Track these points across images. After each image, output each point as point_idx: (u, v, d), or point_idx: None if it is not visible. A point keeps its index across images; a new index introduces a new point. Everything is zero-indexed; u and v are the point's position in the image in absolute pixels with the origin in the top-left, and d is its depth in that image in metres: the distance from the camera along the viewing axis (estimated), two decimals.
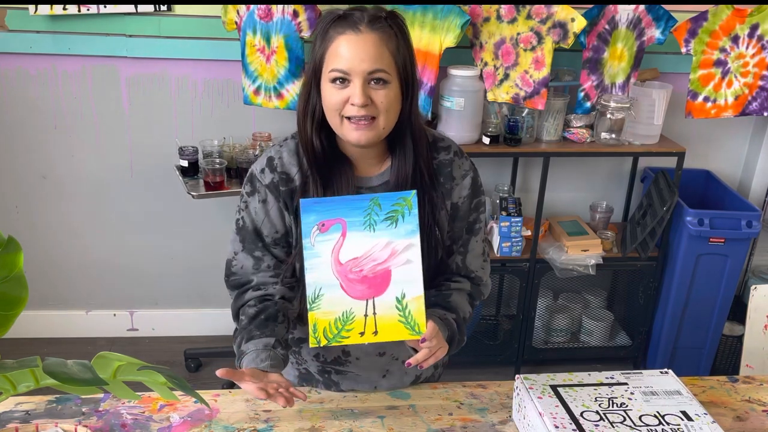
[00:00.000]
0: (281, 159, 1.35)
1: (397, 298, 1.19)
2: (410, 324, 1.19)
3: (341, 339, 1.19)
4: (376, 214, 1.20)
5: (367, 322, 1.19)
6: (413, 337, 1.20)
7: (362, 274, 1.19)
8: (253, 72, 2.57)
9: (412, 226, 1.19)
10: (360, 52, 1.20)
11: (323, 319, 1.19)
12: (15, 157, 2.76)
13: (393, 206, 1.20)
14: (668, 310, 2.80)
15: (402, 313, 1.19)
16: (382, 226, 1.19)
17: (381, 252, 1.19)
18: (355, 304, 1.19)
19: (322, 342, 1.19)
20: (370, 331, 1.19)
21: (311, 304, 1.19)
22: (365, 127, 1.23)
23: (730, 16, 2.57)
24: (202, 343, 2.99)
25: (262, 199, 1.35)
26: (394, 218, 1.20)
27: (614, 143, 2.64)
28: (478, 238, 1.43)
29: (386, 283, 1.19)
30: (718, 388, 1.49)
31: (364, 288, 1.19)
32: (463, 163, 1.39)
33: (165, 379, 0.95)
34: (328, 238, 1.19)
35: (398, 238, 1.19)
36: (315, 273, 1.19)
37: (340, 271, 1.19)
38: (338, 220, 1.20)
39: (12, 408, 1.31)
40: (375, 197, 1.21)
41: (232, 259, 1.39)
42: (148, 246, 2.95)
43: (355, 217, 1.19)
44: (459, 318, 1.36)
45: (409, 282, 1.19)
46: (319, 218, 1.19)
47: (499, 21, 2.52)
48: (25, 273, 0.93)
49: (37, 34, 2.58)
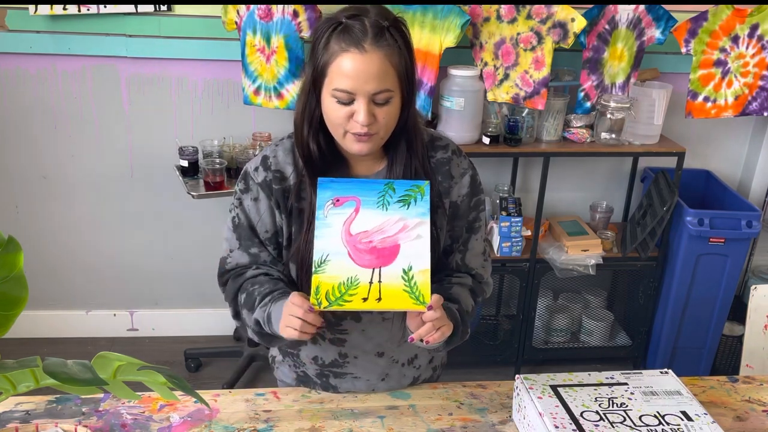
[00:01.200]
0: (276, 158, 1.35)
1: (404, 269, 1.20)
2: (415, 294, 1.19)
3: (343, 302, 1.18)
4: (390, 196, 1.24)
5: (371, 288, 1.19)
6: (417, 307, 1.19)
7: (371, 245, 1.21)
8: (253, 72, 2.57)
9: (424, 209, 1.23)
10: (365, 74, 1.18)
11: (327, 282, 1.19)
12: (15, 157, 2.76)
13: (407, 191, 1.24)
14: (668, 310, 2.80)
15: (408, 283, 1.20)
16: (395, 207, 1.23)
17: (392, 226, 1.22)
18: (361, 271, 1.20)
19: (323, 304, 1.17)
20: (373, 298, 1.18)
21: (316, 268, 1.19)
22: (366, 141, 1.24)
23: (730, 16, 2.57)
24: (202, 343, 2.99)
25: (254, 198, 1.35)
26: (407, 201, 1.24)
27: (614, 143, 2.64)
28: (478, 237, 1.43)
29: (394, 254, 1.21)
30: (718, 388, 1.48)
31: (372, 258, 1.21)
32: (462, 162, 1.39)
33: (165, 379, 0.95)
34: (341, 212, 1.22)
35: (410, 216, 1.23)
36: (324, 241, 1.21)
37: (349, 240, 1.21)
38: (353, 198, 1.23)
39: (12, 408, 1.31)
40: (390, 182, 1.25)
41: (227, 257, 1.38)
42: (148, 246, 2.95)
43: (370, 197, 1.23)
44: (462, 309, 1.34)
45: (417, 256, 1.21)
46: (334, 194, 1.23)
47: (499, 21, 2.52)
48: (25, 273, 0.93)
49: (37, 34, 2.58)
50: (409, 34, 1.26)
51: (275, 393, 1.41)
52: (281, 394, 1.41)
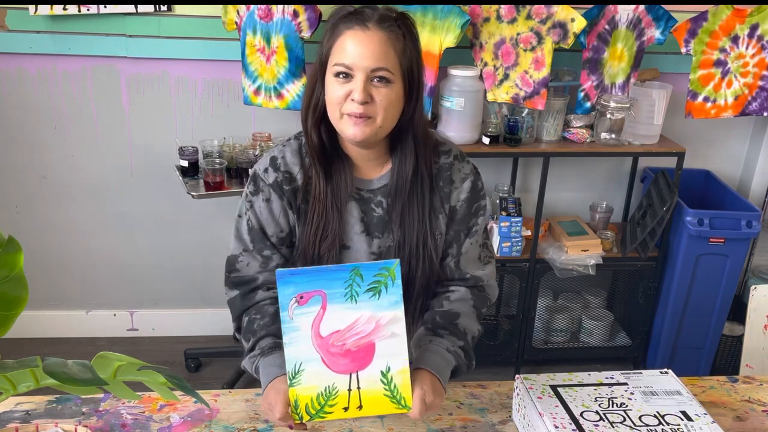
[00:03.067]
0: (284, 158, 1.35)
1: (382, 371, 1.14)
2: (396, 398, 1.15)
3: (324, 415, 1.15)
4: (357, 285, 1.12)
5: (351, 396, 1.14)
6: (400, 411, 1.16)
7: (345, 348, 1.13)
8: (253, 72, 2.57)
9: (396, 297, 1.13)
10: (365, 49, 1.21)
11: (305, 395, 1.14)
12: (15, 157, 2.76)
13: (375, 277, 1.12)
14: (668, 310, 2.80)
15: (387, 386, 1.15)
16: (365, 298, 1.12)
17: (365, 325, 1.13)
18: (338, 378, 1.14)
19: (305, 418, 1.15)
20: (354, 406, 1.15)
21: (291, 380, 1.14)
22: (362, 124, 1.23)
23: (730, 16, 2.57)
24: (202, 343, 2.99)
25: (266, 198, 1.35)
26: (376, 289, 1.13)
27: (614, 143, 2.64)
28: (473, 241, 1.42)
29: (370, 356, 1.14)
30: (718, 388, 1.48)
31: (347, 362, 1.13)
32: (464, 167, 1.39)
33: (165, 379, 0.95)
34: (307, 311, 1.12)
35: (382, 310, 1.13)
36: (294, 347, 1.13)
37: (321, 344, 1.13)
38: (318, 292, 1.12)
39: (12, 408, 1.31)
40: (356, 267, 1.13)
41: (238, 256, 1.38)
42: (148, 246, 2.95)
43: (336, 289, 1.12)
44: (467, 344, 1.34)
45: (394, 355, 1.14)
46: (297, 290, 1.12)
47: (499, 21, 2.52)
48: (25, 273, 0.93)
49: (37, 34, 2.58)
50: (416, 30, 1.29)
51: None
52: None
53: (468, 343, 1.34)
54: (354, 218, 1.36)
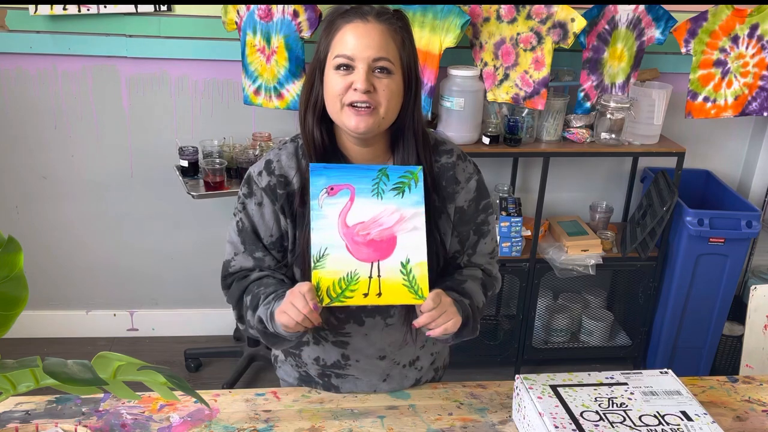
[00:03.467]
0: (279, 162, 1.35)
1: (402, 262, 1.21)
2: (414, 288, 1.21)
3: (344, 299, 1.20)
4: (384, 183, 1.23)
5: (371, 283, 1.20)
6: (416, 301, 1.21)
7: (369, 238, 1.21)
8: (253, 72, 2.57)
9: (418, 197, 1.23)
10: (366, 40, 1.22)
11: (327, 278, 1.19)
12: (15, 157, 2.76)
13: (400, 178, 1.23)
14: (668, 310, 2.80)
15: (406, 277, 1.21)
16: (390, 195, 1.22)
17: (388, 217, 1.22)
18: (360, 265, 1.20)
19: (325, 300, 1.19)
20: (374, 293, 1.20)
21: (315, 263, 1.19)
22: (365, 114, 1.23)
23: (729, 16, 2.57)
24: (202, 343, 2.99)
25: (258, 202, 1.34)
26: (401, 189, 1.23)
27: (614, 143, 2.64)
28: (487, 240, 1.42)
29: (392, 247, 1.21)
30: (718, 388, 1.49)
31: (370, 251, 1.21)
32: (467, 167, 1.39)
33: (165, 379, 0.95)
34: (336, 201, 1.21)
35: (405, 206, 1.22)
36: (321, 233, 1.21)
37: (346, 233, 1.21)
38: (347, 186, 1.22)
39: (12, 408, 1.31)
40: (383, 168, 1.23)
41: (231, 260, 1.38)
42: (148, 246, 2.95)
43: (364, 185, 1.22)
44: (473, 304, 1.35)
45: (414, 248, 1.21)
46: (328, 182, 1.21)
47: (499, 21, 2.52)
48: (25, 273, 0.93)
49: (37, 34, 2.58)
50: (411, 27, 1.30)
51: (275, 393, 1.41)
52: (281, 394, 1.41)
53: (473, 302, 1.35)
54: None
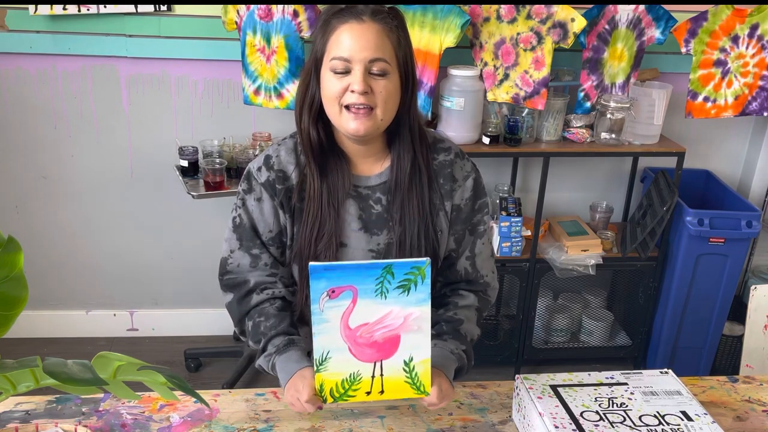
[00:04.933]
0: (278, 157, 1.35)
1: (405, 360, 1.20)
2: (416, 384, 1.22)
3: (347, 397, 1.22)
4: (388, 282, 1.15)
5: (373, 382, 1.21)
6: (419, 396, 1.22)
7: (372, 339, 1.18)
8: (253, 72, 2.57)
9: (424, 294, 1.16)
10: (362, 41, 1.21)
11: (330, 380, 1.20)
12: (15, 157, 2.76)
13: (406, 275, 1.15)
14: (668, 310, 2.80)
15: (409, 374, 1.21)
16: (394, 294, 1.16)
17: (394, 319, 1.18)
18: (363, 366, 1.20)
19: (329, 400, 1.21)
20: (376, 390, 1.21)
21: (318, 366, 1.19)
22: (364, 117, 1.23)
23: (730, 16, 2.57)
24: (202, 343, 2.99)
25: (258, 198, 1.35)
26: (406, 287, 1.16)
27: (614, 143, 2.64)
28: (484, 240, 1.43)
29: (395, 346, 1.19)
30: (718, 388, 1.48)
31: (373, 351, 1.19)
32: (465, 165, 1.39)
33: (165, 379, 0.95)
34: (337, 304, 1.16)
35: (410, 306, 1.17)
36: (323, 337, 1.17)
37: (348, 335, 1.17)
38: (349, 287, 1.15)
39: (12, 408, 1.31)
40: (388, 265, 1.14)
41: (228, 257, 1.39)
42: (148, 246, 2.95)
43: (367, 285, 1.15)
44: (469, 348, 1.38)
45: (418, 347, 1.19)
46: (329, 284, 1.14)
47: (499, 21, 2.52)
48: (25, 273, 0.93)
49: (37, 34, 2.58)
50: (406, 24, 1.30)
51: (275, 393, 1.41)
52: (281, 393, 1.41)
53: (469, 346, 1.39)
54: (351, 216, 1.36)
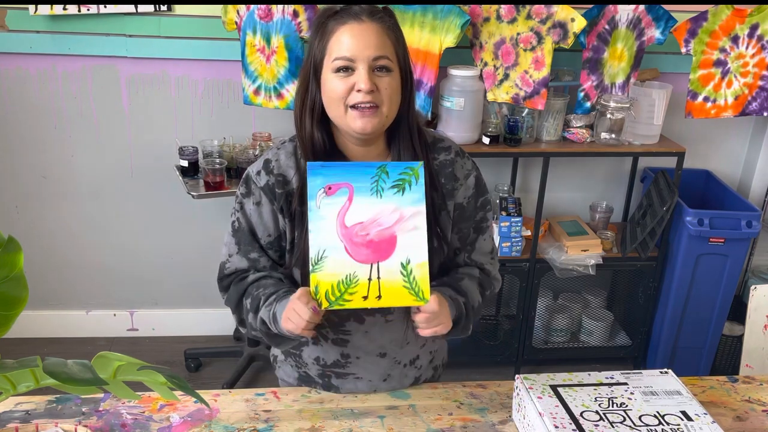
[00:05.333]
0: (278, 161, 1.35)
1: (402, 263, 1.18)
2: (414, 290, 1.18)
3: (343, 302, 1.17)
4: (383, 181, 1.18)
5: (370, 286, 1.18)
6: (417, 303, 1.20)
7: (368, 238, 1.18)
8: (253, 72, 2.57)
9: (419, 195, 1.19)
10: (364, 40, 1.22)
11: (325, 281, 1.17)
12: (15, 157, 2.76)
13: (400, 175, 1.19)
14: (668, 310, 2.80)
15: (407, 278, 1.18)
16: (389, 193, 1.18)
17: (388, 217, 1.18)
18: (359, 267, 1.17)
19: (324, 304, 1.17)
20: (373, 296, 1.18)
21: (314, 266, 1.17)
22: (370, 115, 1.24)
23: (730, 16, 2.57)
24: (202, 343, 2.99)
25: (256, 202, 1.34)
26: (401, 186, 1.18)
27: (614, 143, 2.64)
28: (486, 237, 1.43)
29: (392, 248, 1.18)
30: (718, 388, 1.49)
31: (369, 252, 1.18)
32: (466, 163, 1.39)
33: (165, 379, 0.95)
34: (334, 201, 1.17)
35: (405, 205, 1.18)
36: (319, 235, 1.17)
37: (345, 234, 1.17)
38: (345, 185, 1.18)
39: (12, 408, 1.31)
40: (383, 165, 1.19)
41: (226, 261, 1.38)
42: (148, 246, 2.95)
43: (363, 183, 1.18)
44: (468, 303, 1.35)
45: (415, 248, 1.18)
46: (325, 181, 1.17)
47: (499, 21, 2.52)
48: (25, 273, 0.93)
49: (37, 34, 2.58)
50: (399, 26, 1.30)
51: (275, 393, 1.41)
52: (281, 394, 1.41)
53: (468, 302, 1.35)
54: None
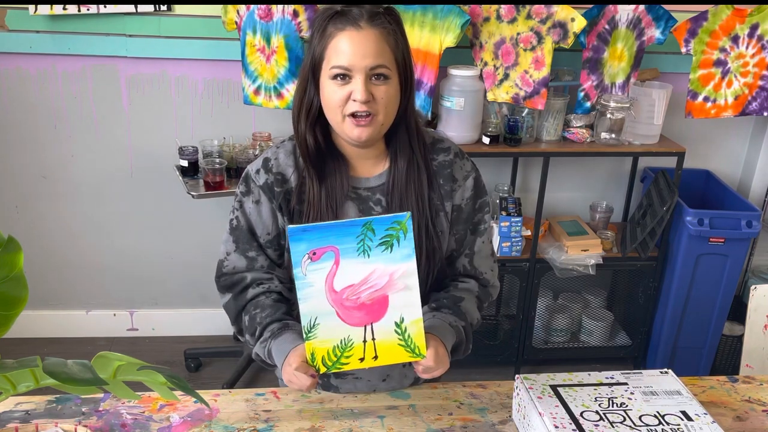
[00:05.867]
0: (277, 160, 1.35)
1: (396, 322, 1.17)
2: (410, 347, 1.18)
3: (341, 366, 1.18)
4: (369, 239, 1.13)
5: (366, 347, 1.17)
6: (414, 359, 1.20)
7: (359, 302, 1.15)
8: (253, 72, 2.57)
9: (408, 250, 1.14)
10: (361, 48, 1.21)
11: (321, 348, 1.17)
12: (15, 157, 2.76)
13: (387, 231, 1.13)
14: (668, 310, 2.80)
15: (401, 336, 1.17)
16: (377, 252, 1.13)
17: (378, 278, 1.15)
18: (353, 330, 1.16)
19: (321, 370, 1.18)
20: (370, 356, 1.18)
21: (307, 334, 1.16)
22: (366, 124, 1.23)
23: (730, 16, 2.57)
24: (202, 343, 2.99)
25: (256, 200, 1.35)
26: (389, 243, 1.13)
27: (614, 143, 2.64)
28: (485, 239, 1.43)
29: (384, 308, 1.16)
30: (718, 388, 1.48)
31: (362, 314, 1.15)
32: (465, 164, 1.39)
33: (165, 379, 0.95)
34: (320, 266, 1.13)
35: (394, 263, 1.14)
36: (309, 303, 1.14)
37: (335, 299, 1.15)
38: (330, 248, 1.13)
39: (12, 408, 1.31)
40: (368, 221, 1.12)
41: (224, 260, 1.39)
42: (148, 246, 2.95)
43: (348, 244, 1.12)
44: (468, 326, 1.36)
45: (408, 306, 1.16)
46: (309, 246, 1.12)
47: (499, 21, 2.52)
48: (25, 273, 0.93)
49: (37, 34, 2.58)
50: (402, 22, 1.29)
51: (275, 393, 1.41)
52: (281, 394, 1.41)
53: (468, 326, 1.36)
54: (350, 218, 1.35)
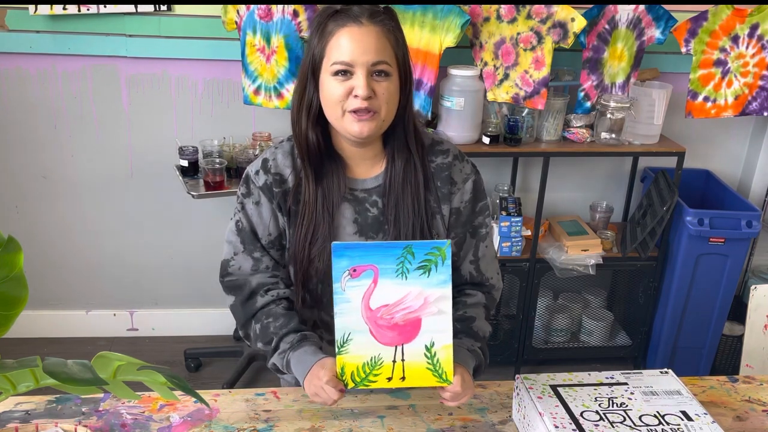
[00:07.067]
0: (275, 160, 1.35)
1: (426, 346, 1.19)
2: (438, 372, 1.20)
3: (368, 383, 1.20)
4: (409, 262, 1.16)
5: (395, 367, 1.19)
6: (441, 384, 1.20)
7: (393, 321, 1.18)
8: (253, 72, 2.57)
9: (445, 276, 1.16)
10: (363, 44, 1.21)
11: (351, 363, 1.19)
12: (15, 157, 2.76)
13: (426, 255, 1.16)
14: (668, 310, 2.80)
15: (430, 360, 1.19)
16: (415, 275, 1.16)
17: (413, 300, 1.17)
18: (384, 349, 1.19)
19: (350, 385, 1.20)
20: (397, 377, 1.20)
21: (339, 348, 1.18)
22: (367, 120, 1.24)
23: (730, 16, 2.57)
24: (202, 343, 2.99)
25: (256, 201, 1.35)
26: (427, 267, 1.16)
27: (614, 143, 2.64)
28: (487, 243, 1.43)
29: (416, 330, 1.18)
30: (718, 388, 1.48)
31: (394, 335, 1.18)
32: (465, 167, 1.39)
33: (165, 379, 0.95)
34: (359, 284, 1.17)
35: (431, 287, 1.17)
36: (345, 318, 1.17)
37: (369, 317, 1.17)
38: (370, 267, 1.16)
39: (12, 408, 1.31)
40: (409, 245, 1.16)
41: (230, 260, 1.39)
42: (148, 246, 2.95)
43: (388, 264, 1.16)
44: (484, 345, 1.38)
45: (439, 331, 1.18)
46: (351, 263, 1.16)
47: (499, 21, 2.52)
48: (25, 273, 0.93)
49: (37, 34, 2.58)
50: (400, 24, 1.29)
51: (275, 393, 1.41)
52: (281, 393, 1.41)
53: (484, 344, 1.38)
54: (346, 220, 1.36)
